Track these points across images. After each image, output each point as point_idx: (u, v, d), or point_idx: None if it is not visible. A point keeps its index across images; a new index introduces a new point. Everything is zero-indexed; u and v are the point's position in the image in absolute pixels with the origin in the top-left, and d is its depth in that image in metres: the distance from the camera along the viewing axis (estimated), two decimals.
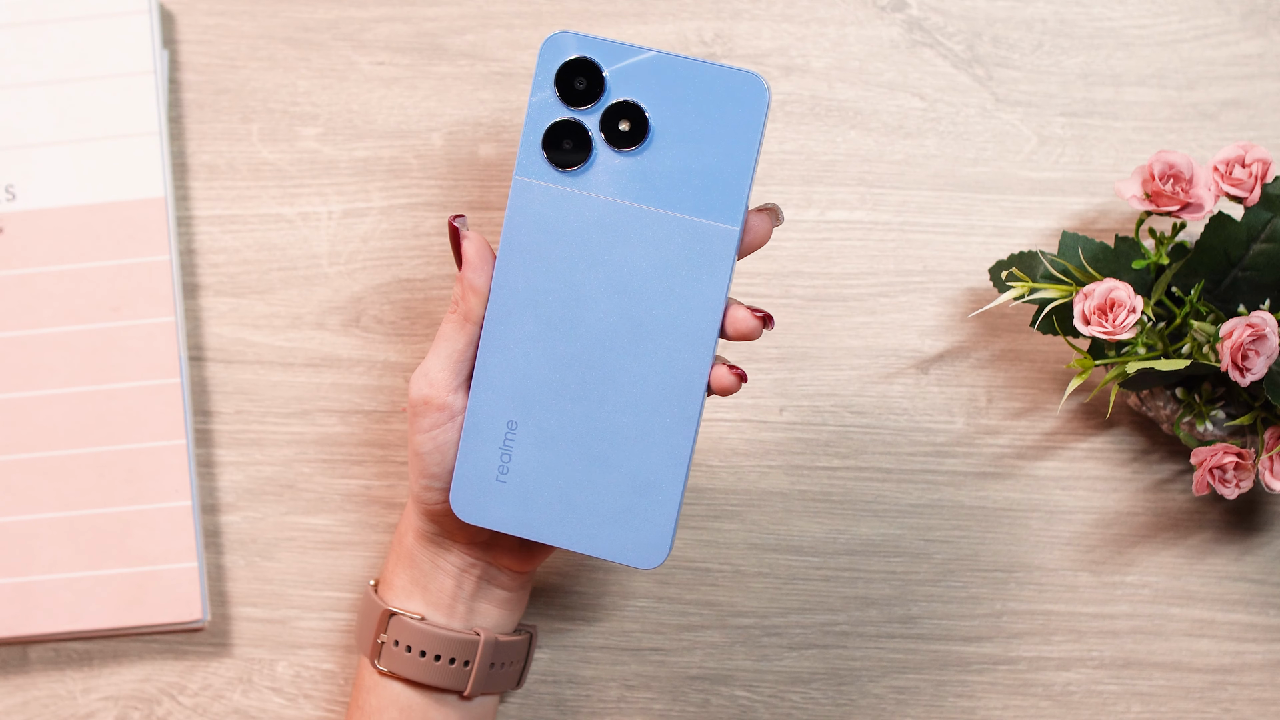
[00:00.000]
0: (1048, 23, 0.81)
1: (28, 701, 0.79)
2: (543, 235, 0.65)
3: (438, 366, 0.66)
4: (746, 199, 0.65)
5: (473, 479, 0.67)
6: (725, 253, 0.65)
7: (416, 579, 0.71)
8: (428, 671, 0.70)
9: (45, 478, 0.78)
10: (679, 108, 0.64)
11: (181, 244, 0.80)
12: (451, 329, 0.66)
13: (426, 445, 0.67)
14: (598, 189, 0.65)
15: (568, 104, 0.65)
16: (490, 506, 0.67)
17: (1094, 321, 0.72)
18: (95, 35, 0.78)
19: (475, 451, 0.67)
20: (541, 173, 0.65)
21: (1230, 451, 0.73)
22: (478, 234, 0.66)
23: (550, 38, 0.64)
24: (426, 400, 0.66)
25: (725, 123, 0.64)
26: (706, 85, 0.64)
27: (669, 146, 0.65)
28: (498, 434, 0.66)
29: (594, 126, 0.65)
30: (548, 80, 0.65)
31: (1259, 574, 0.80)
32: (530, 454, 0.66)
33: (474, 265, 0.66)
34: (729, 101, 0.64)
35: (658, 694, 0.79)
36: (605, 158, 0.65)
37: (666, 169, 0.65)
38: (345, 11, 0.81)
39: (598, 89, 0.65)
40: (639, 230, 0.65)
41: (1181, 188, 0.73)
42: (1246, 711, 0.79)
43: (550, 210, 0.65)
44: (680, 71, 0.64)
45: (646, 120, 0.65)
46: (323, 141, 0.80)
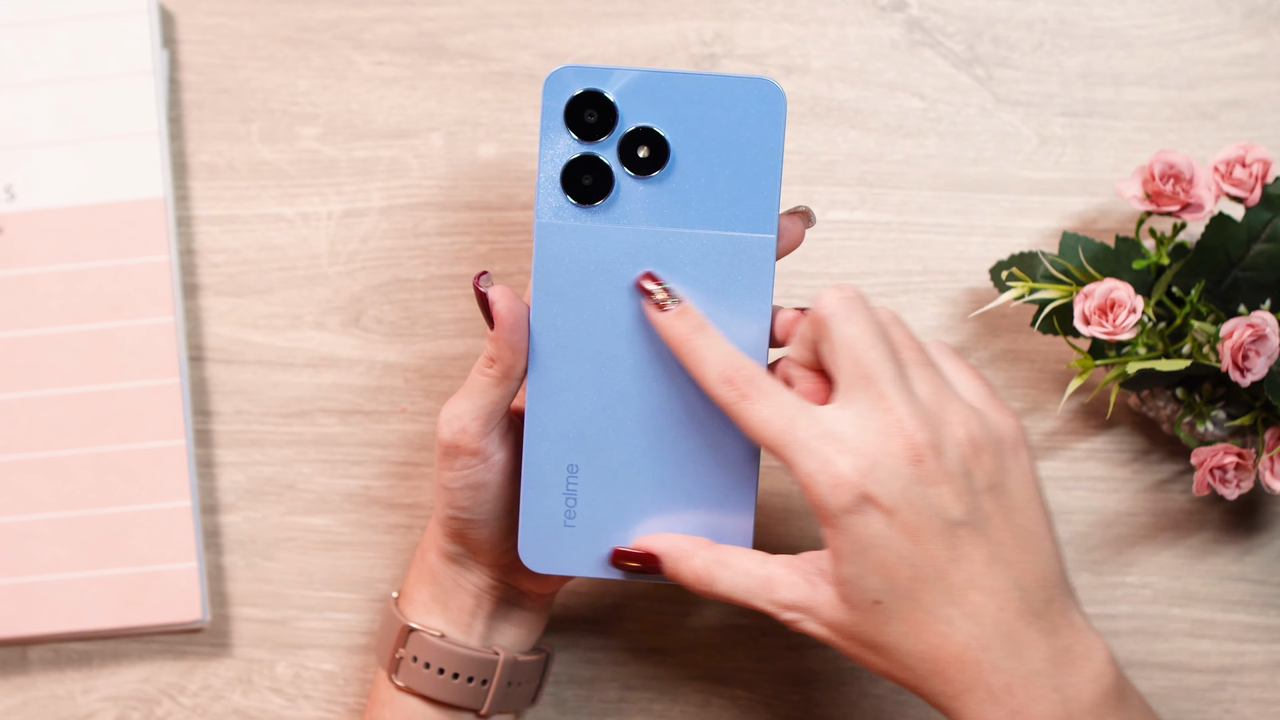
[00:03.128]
0: (1048, 23, 0.81)
1: (28, 702, 0.79)
2: (575, 276, 0.64)
3: (471, 415, 0.65)
4: (777, 205, 0.64)
5: (540, 530, 0.66)
6: (765, 262, 0.64)
7: (437, 595, 0.71)
8: (445, 689, 0.70)
9: (45, 478, 0.78)
10: (695, 125, 0.64)
11: (181, 244, 0.80)
12: (488, 383, 0.65)
13: (457, 483, 0.66)
14: (625, 220, 0.64)
15: (581, 139, 0.64)
16: (562, 553, 0.66)
17: (1094, 322, 0.72)
18: (95, 35, 0.78)
19: (539, 502, 0.66)
20: (564, 213, 0.64)
21: (1231, 452, 0.73)
22: (504, 288, 0.64)
23: (552, 75, 0.63)
24: (459, 446, 0.65)
25: (745, 132, 0.63)
26: (719, 98, 0.63)
27: (691, 165, 0.64)
28: (559, 481, 0.66)
29: (612, 158, 0.64)
30: (557, 118, 0.64)
31: (1259, 574, 0.80)
32: (595, 494, 0.66)
33: (508, 325, 0.64)
34: (745, 111, 0.63)
35: (658, 694, 0.79)
36: (628, 187, 0.64)
37: (692, 188, 0.64)
38: (345, 11, 0.81)
39: (610, 119, 0.64)
40: (674, 253, 0.64)
41: (1182, 188, 0.73)
42: (1246, 711, 0.79)
43: (579, 250, 0.64)
44: (691, 88, 0.63)
45: (666, 143, 0.64)
46: (323, 141, 0.80)
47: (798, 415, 0.61)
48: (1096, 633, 0.63)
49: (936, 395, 0.62)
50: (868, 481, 0.59)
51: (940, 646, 0.60)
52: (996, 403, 0.63)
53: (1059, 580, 0.62)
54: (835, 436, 0.60)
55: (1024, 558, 0.61)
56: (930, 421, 0.60)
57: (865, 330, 0.61)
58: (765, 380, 0.62)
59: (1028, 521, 0.62)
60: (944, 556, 0.60)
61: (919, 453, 0.60)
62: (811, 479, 0.60)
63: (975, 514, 0.60)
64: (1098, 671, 0.61)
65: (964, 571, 0.60)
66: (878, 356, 0.61)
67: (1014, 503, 0.62)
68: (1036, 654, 0.61)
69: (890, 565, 0.60)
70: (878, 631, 0.61)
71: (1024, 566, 0.61)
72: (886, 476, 0.59)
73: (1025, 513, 0.62)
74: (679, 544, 0.65)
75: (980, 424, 0.62)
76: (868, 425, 0.60)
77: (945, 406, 0.61)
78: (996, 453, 0.62)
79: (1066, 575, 0.63)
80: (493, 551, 0.69)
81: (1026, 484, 0.62)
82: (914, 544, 0.60)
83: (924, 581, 0.60)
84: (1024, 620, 0.61)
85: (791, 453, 0.60)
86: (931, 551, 0.60)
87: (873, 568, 0.60)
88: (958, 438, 0.61)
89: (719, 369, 0.62)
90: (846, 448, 0.60)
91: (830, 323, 0.62)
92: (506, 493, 0.67)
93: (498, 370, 0.64)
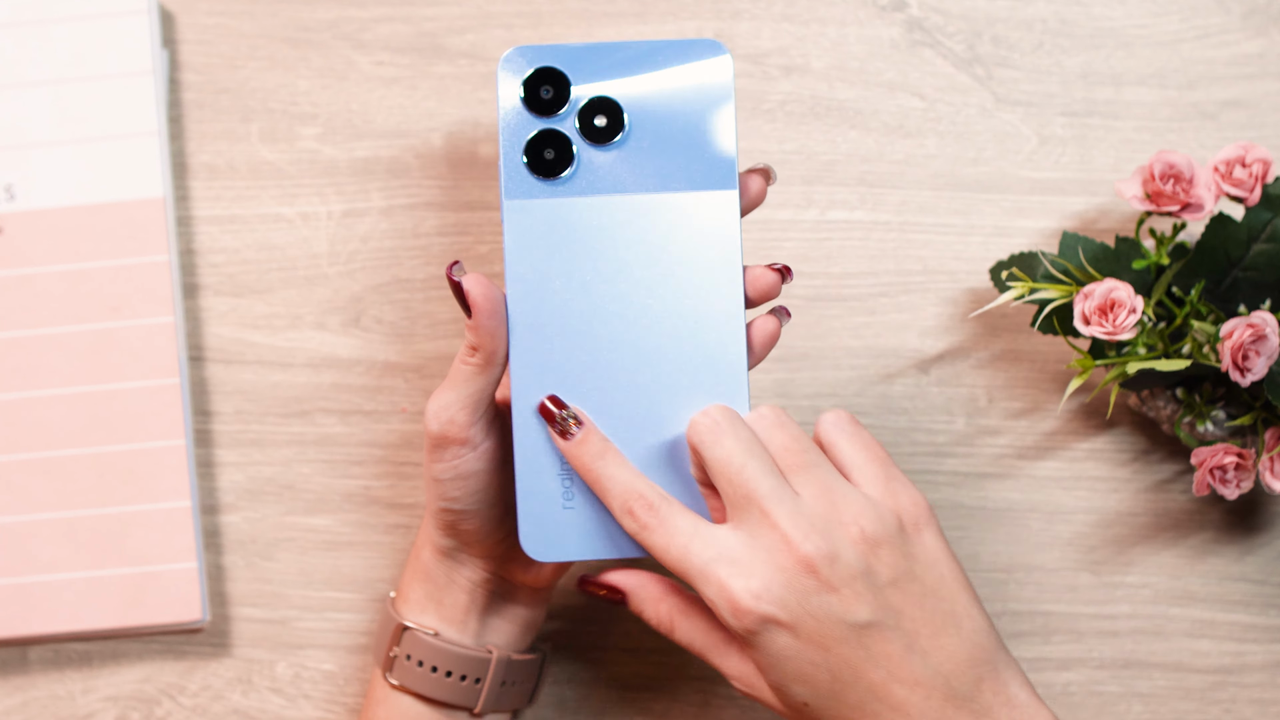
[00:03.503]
0: (1048, 23, 0.81)
1: (28, 702, 0.79)
2: (547, 252, 0.65)
3: (458, 405, 0.65)
4: (736, 161, 0.65)
5: (539, 516, 0.66)
6: (730, 218, 0.65)
7: (431, 593, 0.71)
8: (439, 687, 0.70)
9: (45, 478, 0.78)
10: (648, 90, 0.65)
11: (181, 244, 0.80)
12: (471, 371, 0.65)
13: (447, 474, 0.66)
14: (590, 190, 0.65)
15: (539, 115, 0.65)
16: (563, 538, 0.66)
17: (1094, 322, 0.72)
18: (95, 35, 0.78)
19: (534, 488, 0.66)
20: (530, 190, 0.65)
21: (1231, 452, 0.73)
22: (478, 276, 0.64)
23: (505, 57, 0.65)
24: (447, 436, 0.65)
25: (696, 93, 0.65)
26: (668, 62, 0.65)
27: (648, 130, 0.65)
28: (553, 463, 0.66)
29: (571, 130, 0.65)
30: (514, 98, 0.65)
31: (1259, 574, 0.80)
32: None
33: (485, 311, 0.64)
34: (694, 72, 0.65)
35: (658, 694, 0.79)
36: (589, 157, 0.65)
37: (651, 152, 0.65)
38: (345, 11, 0.81)
39: (565, 93, 0.65)
40: (641, 218, 0.65)
41: (1182, 188, 0.73)
42: (1246, 711, 0.79)
43: (548, 225, 0.65)
44: (640, 55, 0.65)
45: (621, 111, 0.65)
46: (323, 141, 0.80)
47: (691, 541, 0.62)
48: (1039, 703, 0.62)
49: (825, 497, 0.62)
50: (763, 603, 0.60)
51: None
52: (894, 483, 0.63)
53: (989, 655, 0.62)
54: (729, 559, 0.61)
55: (944, 642, 0.61)
56: (819, 528, 0.61)
57: (733, 451, 0.62)
58: (663, 506, 0.63)
59: (943, 602, 0.62)
60: (858, 658, 0.60)
61: (810, 564, 0.60)
62: (713, 605, 0.61)
63: (882, 610, 0.61)
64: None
65: (881, 669, 0.61)
66: (752, 474, 0.61)
67: (924, 587, 0.62)
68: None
69: (807, 673, 0.61)
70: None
71: (946, 651, 0.61)
72: (782, 594, 0.60)
73: (938, 594, 0.62)
74: (647, 585, 0.67)
75: (875, 517, 0.61)
76: (757, 544, 0.61)
77: (835, 507, 0.61)
78: (897, 542, 0.62)
79: (1000, 646, 0.62)
80: (485, 542, 0.69)
81: (936, 564, 0.62)
82: (824, 652, 0.60)
83: (844, 683, 0.61)
84: (953, 705, 0.61)
85: (692, 579, 0.62)
86: (843, 655, 0.60)
87: (791, 677, 0.61)
88: (852, 537, 0.61)
89: (620, 500, 0.63)
90: (741, 570, 0.61)
91: (701, 450, 0.63)
92: (496, 480, 0.68)
93: (480, 358, 0.65)
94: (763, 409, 0.64)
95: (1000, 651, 0.62)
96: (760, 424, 0.64)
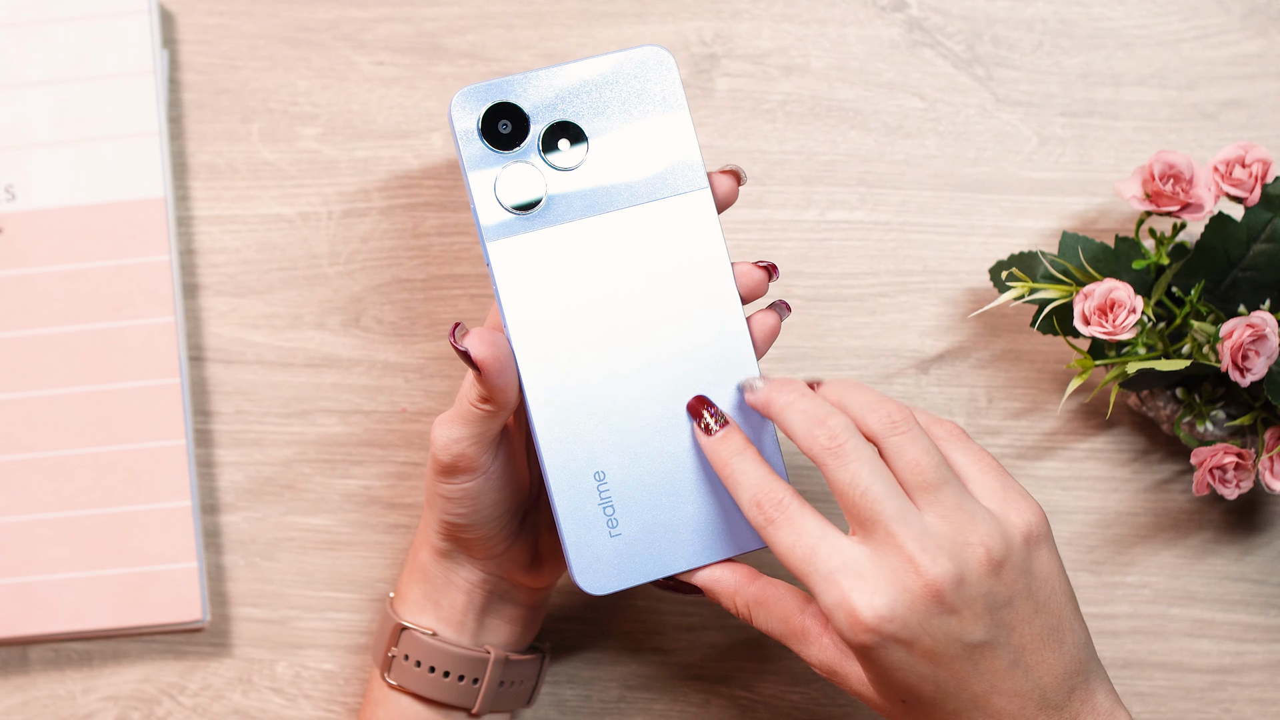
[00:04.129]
0: (1048, 23, 0.81)
1: (28, 701, 0.79)
2: (539, 285, 0.65)
3: (469, 442, 0.65)
4: (701, 160, 0.66)
5: (590, 550, 0.65)
6: (707, 217, 0.66)
7: (429, 593, 0.71)
8: (436, 687, 0.70)
9: (45, 478, 0.78)
10: (602, 108, 0.66)
11: (181, 244, 0.80)
12: (483, 417, 0.64)
13: (456, 494, 0.67)
14: (567, 216, 0.65)
15: (502, 150, 0.65)
16: (618, 567, 0.66)
17: (1094, 322, 0.72)
18: (95, 35, 0.78)
19: (578, 522, 0.65)
20: (509, 228, 0.65)
21: (1230, 452, 0.73)
22: (481, 334, 0.64)
23: (454, 101, 0.65)
24: (458, 467, 0.66)
25: (648, 101, 0.66)
26: (615, 76, 0.66)
27: (610, 147, 0.65)
28: (591, 493, 0.65)
29: (536, 160, 0.65)
30: (473, 138, 0.65)
31: (1259, 574, 0.80)
32: (630, 495, 0.66)
33: (494, 370, 0.63)
34: (642, 82, 0.66)
35: (658, 694, 0.79)
36: (559, 183, 0.65)
37: (618, 166, 0.65)
38: (345, 11, 0.81)
39: (524, 125, 0.65)
40: (622, 234, 0.65)
41: (1181, 188, 0.73)
42: (1246, 711, 0.79)
43: (534, 258, 0.65)
44: (587, 73, 0.65)
45: (581, 132, 0.65)
46: (323, 141, 0.80)
47: (818, 545, 0.61)
48: (1121, 708, 0.64)
49: (950, 518, 0.62)
50: (884, 622, 0.60)
51: None
52: (1013, 495, 0.63)
53: (1083, 666, 0.63)
54: (854, 571, 0.61)
55: (1046, 657, 0.62)
56: (946, 550, 0.61)
57: (856, 475, 0.62)
58: (793, 505, 0.63)
59: (1050, 618, 0.63)
60: (966, 672, 0.61)
61: (936, 589, 0.60)
62: (831, 613, 0.61)
63: (996, 630, 0.61)
64: None
65: (985, 681, 0.61)
66: (878, 495, 0.61)
67: (1037, 604, 0.62)
68: None
69: (912, 683, 0.61)
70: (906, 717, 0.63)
71: (1046, 665, 0.62)
72: (905, 614, 0.60)
73: (1048, 609, 0.63)
74: (721, 579, 0.66)
75: (999, 537, 0.62)
76: (883, 562, 0.61)
77: (961, 529, 0.61)
78: (1018, 560, 0.62)
79: (1093, 656, 0.64)
80: (486, 547, 0.69)
81: (1049, 579, 0.63)
82: (935, 666, 0.61)
83: (947, 693, 0.61)
84: (1045, 714, 0.62)
85: (812, 583, 0.61)
86: (953, 670, 0.61)
87: (895, 684, 0.62)
88: (978, 559, 0.61)
89: (750, 493, 0.63)
90: (864, 585, 0.61)
91: (825, 471, 0.62)
92: (504, 495, 0.68)
93: (492, 407, 0.64)
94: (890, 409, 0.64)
95: (1093, 661, 0.64)
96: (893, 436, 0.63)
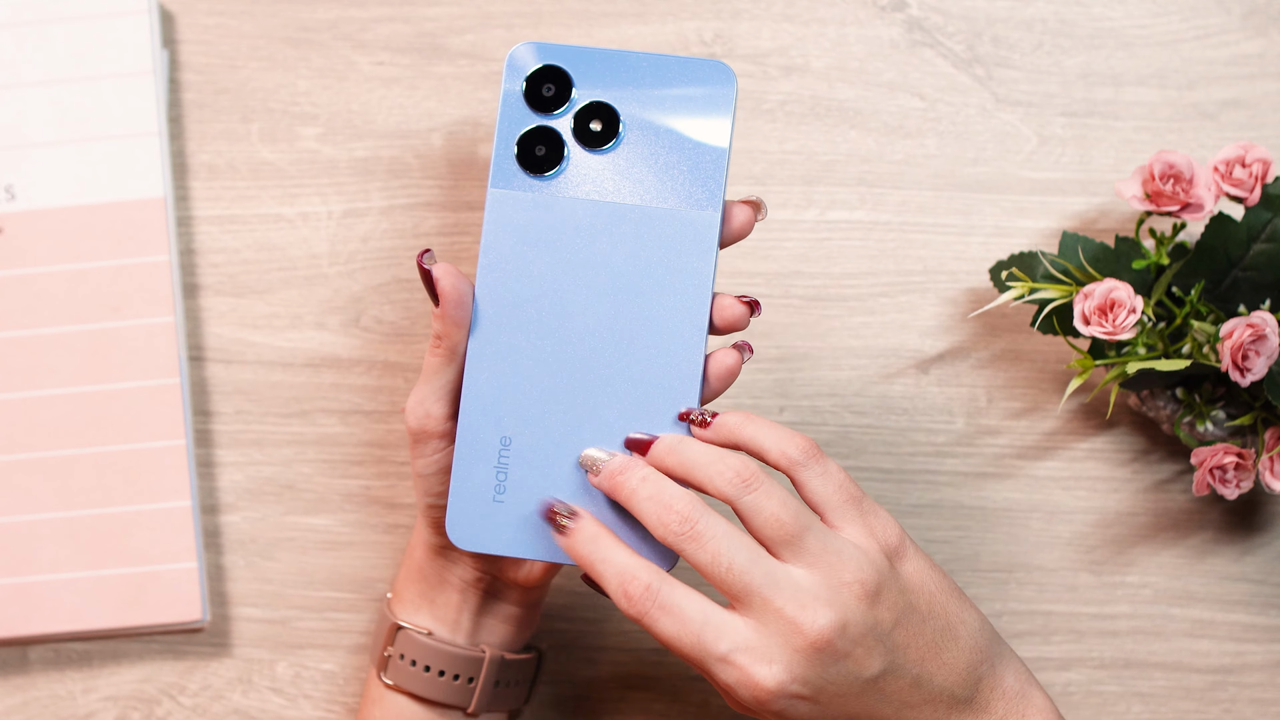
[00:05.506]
0: (1048, 23, 0.81)
1: (28, 701, 0.79)
2: (523, 245, 0.65)
3: (432, 398, 0.65)
4: (724, 185, 0.65)
5: (468, 504, 0.65)
6: (708, 240, 0.65)
7: (424, 592, 0.71)
8: (432, 687, 0.70)
9: (45, 478, 0.78)
10: (648, 103, 0.65)
11: (181, 244, 0.80)
12: (439, 363, 0.65)
13: (430, 469, 0.67)
14: (574, 190, 0.65)
15: (538, 111, 0.65)
16: (489, 531, 0.65)
17: (1094, 321, 0.72)
18: (95, 35, 0.78)
19: (468, 475, 0.65)
20: (516, 182, 0.65)
21: (1230, 452, 0.73)
22: (449, 265, 0.64)
23: (514, 50, 0.65)
24: (425, 430, 0.66)
25: (695, 112, 0.65)
26: (673, 79, 0.65)
27: (642, 142, 0.65)
28: (491, 453, 0.65)
29: (565, 130, 0.65)
30: (516, 91, 0.65)
31: (1259, 574, 0.80)
32: (527, 468, 0.65)
33: (452, 301, 0.64)
34: (698, 92, 0.65)
35: (658, 694, 0.79)
36: (579, 159, 0.65)
37: (641, 164, 0.65)
38: (345, 11, 0.81)
39: (566, 93, 0.65)
40: (619, 227, 0.65)
41: (1181, 188, 0.73)
42: (1246, 711, 0.79)
43: (528, 218, 0.65)
44: (647, 67, 0.65)
45: (618, 118, 0.65)
46: (323, 141, 0.80)
47: (703, 630, 0.61)
48: (1033, 684, 0.64)
49: (819, 564, 0.61)
50: (785, 686, 0.60)
51: None
52: (869, 516, 0.63)
53: (984, 654, 0.63)
54: (746, 648, 0.61)
55: (946, 659, 0.62)
56: (824, 600, 0.61)
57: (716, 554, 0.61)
58: (663, 589, 0.61)
59: (938, 621, 0.63)
60: (874, 702, 0.62)
61: (825, 641, 0.60)
62: (734, 691, 0.61)
63: (891, 656, 0.61)
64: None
65: (892, 704, 0.62)
66: (743, 567, 0.61)
67: (921, 615, 0.62)
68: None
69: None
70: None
71: (947, 667, 0.62)
72: (803, 673, 0.60)
73: (933, 614, 0.63)
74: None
75: (869, 567, 0.62)
76: (767, 631, 0.61)
77: (832, 572, 0.61)
78: (891, 581, 0.62)
79: (995, 639, 0.64)
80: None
81: (924, 585, 0.63)
82: (843, 706, 0.61)
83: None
84: (955, 712, 0.63)
85: (707, 666, 0.61)
86: (861, 704, 0.62)
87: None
88: (856, 595, 0.61)
89: (616, 584, 0.62)
90: (757, 656, 0.60)
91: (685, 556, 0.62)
92: None
93: (445, 348, 0.65)
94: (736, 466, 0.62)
95: (995, 645, 0.64)
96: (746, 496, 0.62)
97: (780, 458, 0.63)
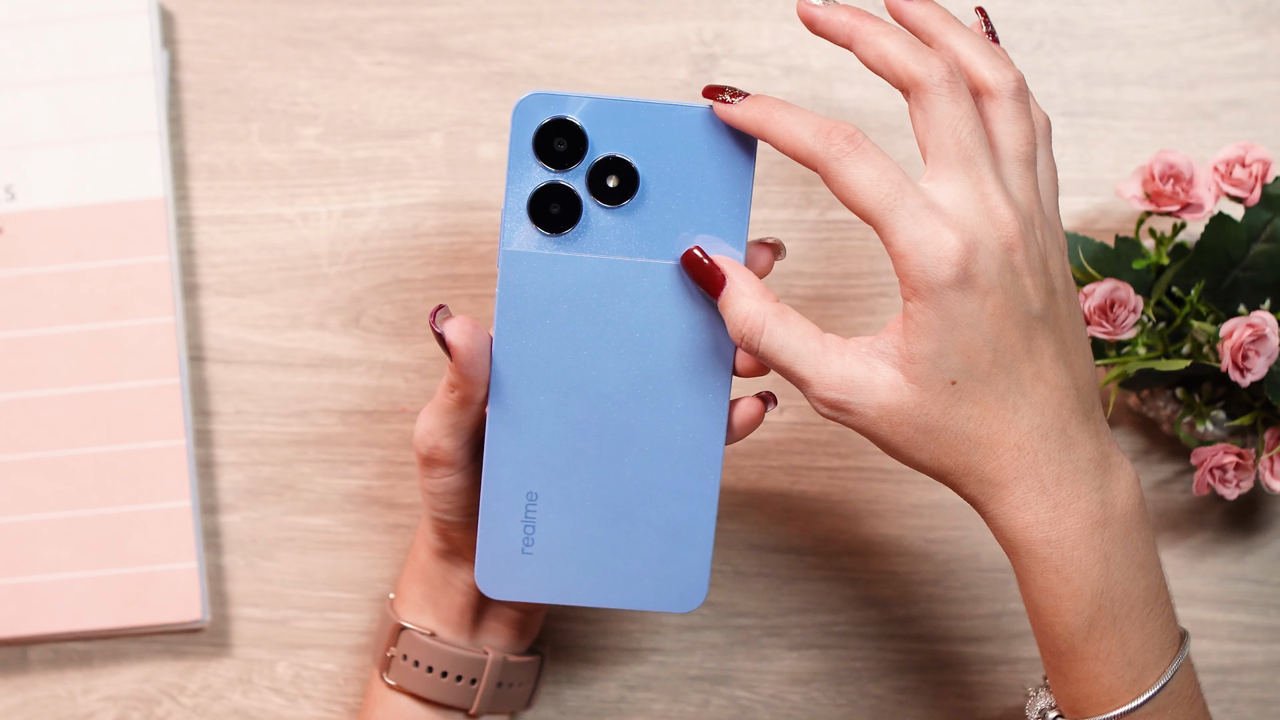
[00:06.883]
0: (1048, 23, 0.81)
1: (28, 701, 0.79)
2: (540, 305, 0.63)
3: (443, 433, 0.65)
4: (745, 238, 0.63)
5: (497, 557, 0.65)
6: None
7: (428, 594, 0.71)
8: (434, 688, 0.70)
9: (45, 478, 0.78)
10: (666, 155, 0.62)
11: (181, 244, 0.80)
12: (453, 405, 0.64)
13: (438, 489, 0.67)
14: (593, 249, 0.63)
15: (550, 166, 0.62)
16: (519, 580, 0.65)
17: (1094, 321, 0.72)
18: (95, 35, 0.78)
19: (496, 529, 0.65)
20: (530, 241, 0.63)
21: (1230, 451, 0.73)
22: (460, 321, 0.63)
23: (521, 101, 0.62)
24: (434, 459, 0.66)
25: (715, 165, 0.62)
26: (692, 129, 0.62)
27: (661, 196, 0.63)
28: (518, 508, 0.65)
29: (580, 186, 0.62)
30: (525, 145, 0.62)
31: (1259, 574, 0.80)
32: (555, 522, 0.65)
33: (466, 360, 0.63)
34: (717, 144, 0.62)
35: (658, 694, 0.79)
36: (597, 216, 0.63)
37: (661, 219, 0.63)
38: (345, 11, 0.81)
39: (580, 148, 0.62)
40: (640, 284, 0.63)
41: (1181, 188, 0.73)
42: (1246, 711, 0.79)
43: (544, 278, 0.63)
44: (664, 117, 0.62)
45: (636, 173, 0.62)
46: (323, 141, 0.80)
47: (904, 182, 0.58)
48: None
49: (1026, 195, 0.61)
50: (971, 260, 0.58)
51: (1003, 432, 0.60)
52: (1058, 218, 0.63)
53: (1097, 389, 0.63)
54: (940, 210, 0.58)
55: (1079, 360, 0.61)
56: (1021, 215, 0.59)
57: (969, 113, 0.59)
58: (867, 140, 0.59)
59: (1079, 328, 0.62)
60: (1021, 347, 0.59)
61: (1013, 242, 0.59)
62: (916, 247, 0.58)
63: (1049, 311, 0.60)
64: (1130, 483, 0.61)
65: (1035, 364, 0.60)
66: (978, 141, 0.59)
67: (1072, 308, 0.62)
68: (1084, 453, 0.60)
69: (974, 348, 0.59)
70: (943, 414, 0.60)
71: (1079, 368, 0.61)
72: (986, 258, 0.58)
73: (1076, 319, 0.62)
74: (750, 279, 0.62)
75: (1057, 238, 0.62)
76: (969, 206, 0.59)
77: (1033, 209, 0.61)
78: (1062, 263, 0.62)
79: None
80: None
81: (1078, 301, 0.63)
82: (999, 330, 0.59)
83: (1001, 368, 0.59)
84: (1077, 419, 0.61)
85: (895, 218, 0.58)
86: (1012, 340, 0.59)
87: (957, 347, 0.59)
88: (1041, 239, 0.60)
89: (815, 125, 0.59)
90: (952, 222, 0.58)
91: (931, 97, 0.59)
92: None
93: (458, 396, 0.64)
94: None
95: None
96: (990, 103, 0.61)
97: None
